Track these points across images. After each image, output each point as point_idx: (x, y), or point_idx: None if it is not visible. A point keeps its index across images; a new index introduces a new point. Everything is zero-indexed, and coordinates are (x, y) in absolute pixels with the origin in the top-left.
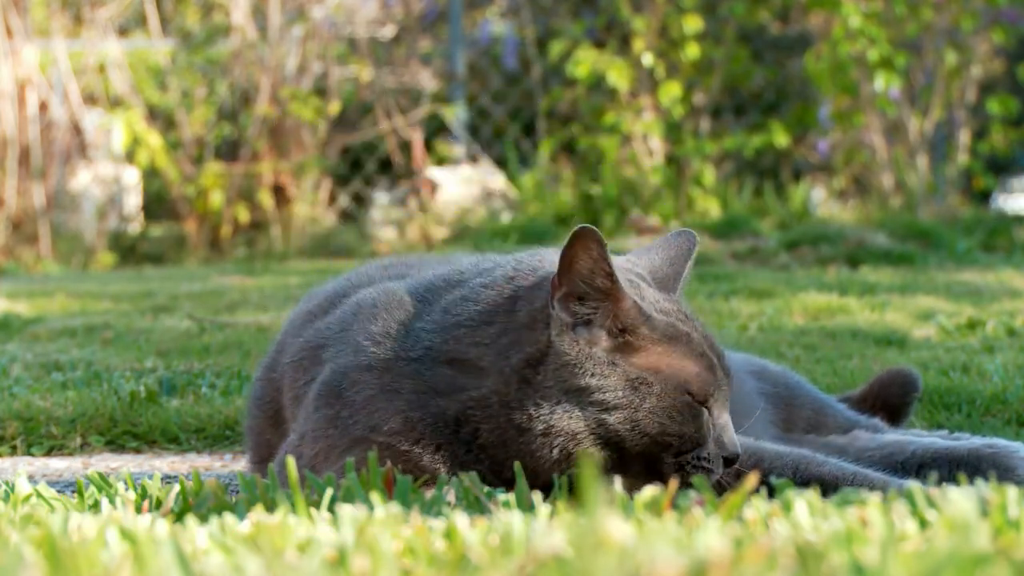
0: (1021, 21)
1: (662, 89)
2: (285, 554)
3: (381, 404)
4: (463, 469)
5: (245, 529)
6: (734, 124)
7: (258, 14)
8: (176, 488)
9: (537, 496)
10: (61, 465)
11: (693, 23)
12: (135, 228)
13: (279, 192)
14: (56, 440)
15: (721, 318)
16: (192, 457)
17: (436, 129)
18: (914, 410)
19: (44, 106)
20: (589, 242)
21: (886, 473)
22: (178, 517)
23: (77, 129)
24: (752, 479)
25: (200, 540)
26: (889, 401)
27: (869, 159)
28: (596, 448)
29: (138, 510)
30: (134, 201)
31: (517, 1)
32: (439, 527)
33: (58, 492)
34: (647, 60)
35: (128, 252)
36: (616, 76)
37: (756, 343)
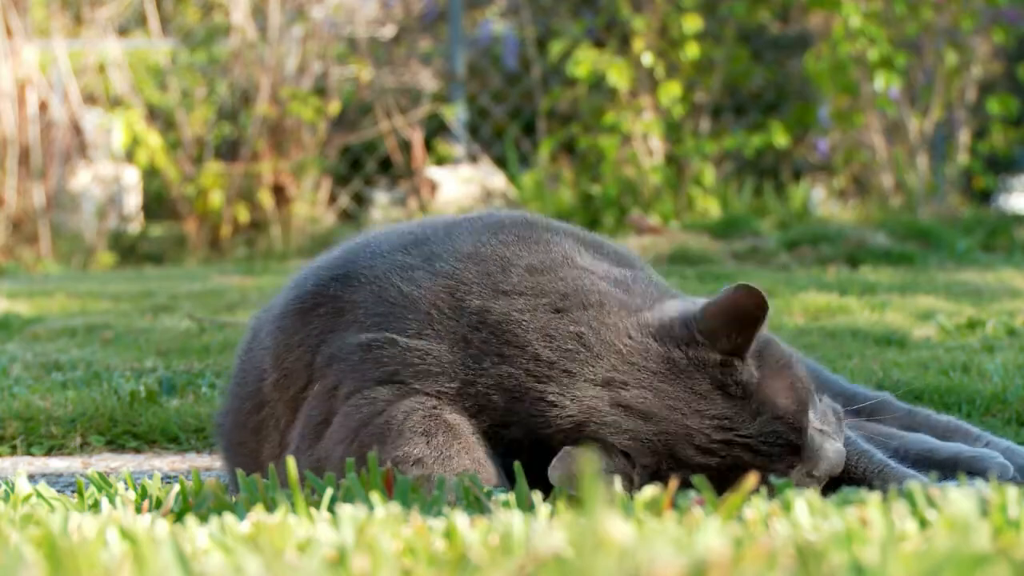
0: (1021, 21)
1: (662, 89)
2: (285, 554)
3: None
4: None
5: (245, 529)
6: (734, 124)
7: (258, 14)
8: (176, 488)
9: (537, 496)
10: (61, 465)
11: (693, 23)
12: (135, 228)
13: (279, 192)
14: (56, 440)
15: None
16: (192, 457)
17: (436, 129)
18: None
19: (44, 106)
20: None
21: None
22: (178, 517)
23: (77, 129)
24: (752, 479)
25: (200, 540)
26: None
27: (869, 159)
28: None
29: (138, 510)
30: (134, 201)
31: (517, 1)
32: (439, 527)
33: (58, 492)
34: (647, 60)
35: (128, 252)
36: (616, 76)
37: None
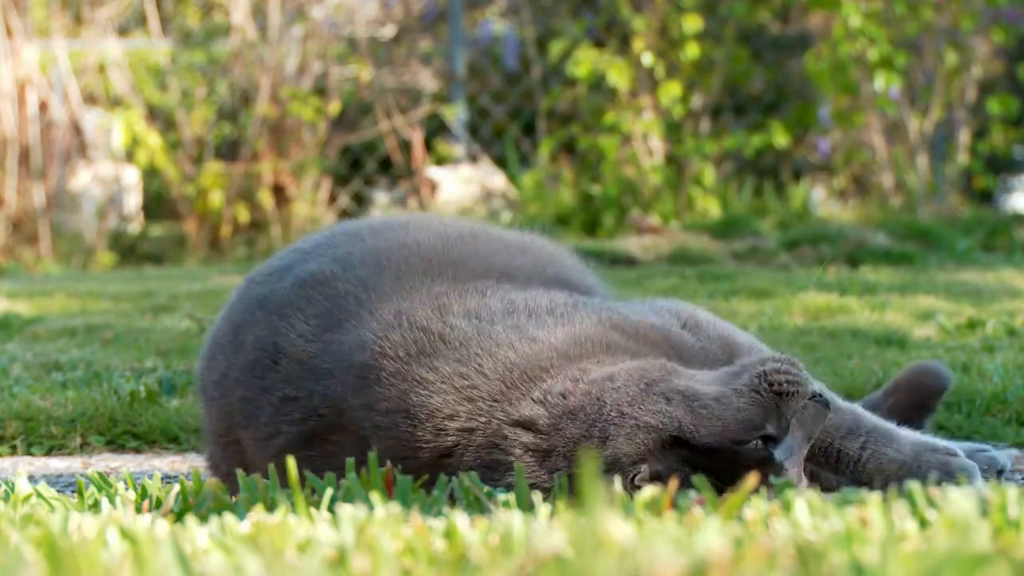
0: (1021, 21)
1: (662, 89)
2: (285, 554)
3: None
4: None
5: (245, 529)
6: (734, 124)
7: (258, 14)
8: (176, 488)
9: (537, 496)
10: (61, 465)
11: (693, 23)
12: (135, 228)
13: (279, 192)
14: (56, 440)
15: (721, 318)
16: (192, 457)
17: (436, 129)
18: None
19: (44, 106)
20: None
21: None
22: (178, 517)
23: (77, 129)
24: (752, 479)
25: (200, 540)
26: (914, 399)
27: (869, 159)
28: None
29: (138, 510)
30: (134, 201)
31: (517, 1)
32: (439, 527)
33: (58, 492)
34: (647, 60)
35: (128, 252)
36: (616, 76)
37: None
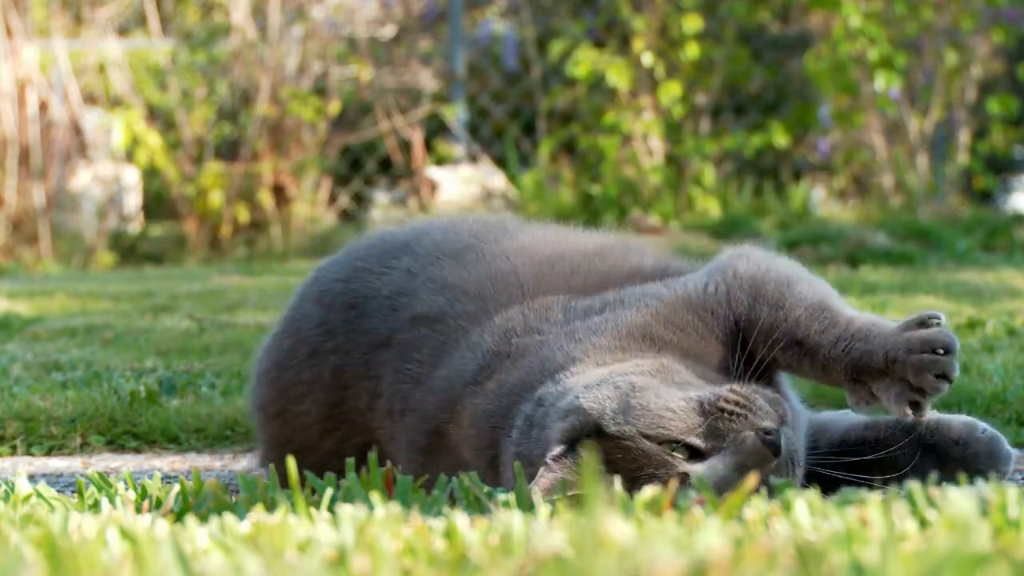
0: (1021, 21)
1: (662, 89)
2: (285, 554)
3: None
4: None
5: (245, 529)
6: (734, 124)
7: (258, 14)
8: (176, 488)
9: (537, 496)
10: (61, 465)
11: (693, 23)
12: (135, 228)
13: (279, 192)
14: (56, 440)
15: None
16: (192, 457)
17: (436, 129)
18: None
19: (44, 106)
20: None
21: None
22: (178, 517)
23: (77, 129)
24: (752, 479)
25: (200, 540)
26: None
27: (869, 159)
28: None
29: (138, 510)
30: (134, 201)
31: (517, 1)
32: (439, 527)
33: (58, 492)
34: (647, 60)
35: (128, 252)
36: (616, 76)
37: None
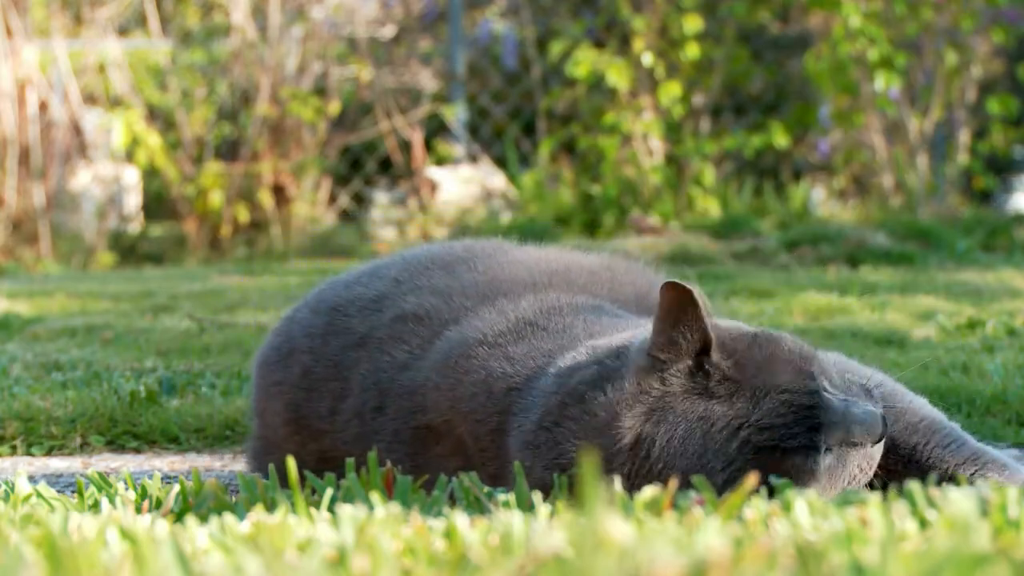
0: (1021, 21)
1: (662, 89)
2: (285, 554)
3: None
4: None
5: (245, 529)
6: (734, 124)
7: (258, 14)
8: (176, 488)
9: (537, 496)
10: (61, 465)
11: (693, 23)
12: (135, 228)
13: (279, 192)
14: (56, 440)
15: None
16: (192, 457)
17: (436, 129)
18: None
19: (44, 106)
20: None
21: None
22: (178, 517)
23: (77, 129)
24: (752, 479)
25: (200, 540)
26: None
27: (869, 159)
28: None
29: (138, 510)
30: (134, 201)
31: (517, 1)
32: (439, 527)
33: (58, 492)
34: (647, 60)
35: (128, 252)
36: (616, 76)
37: None
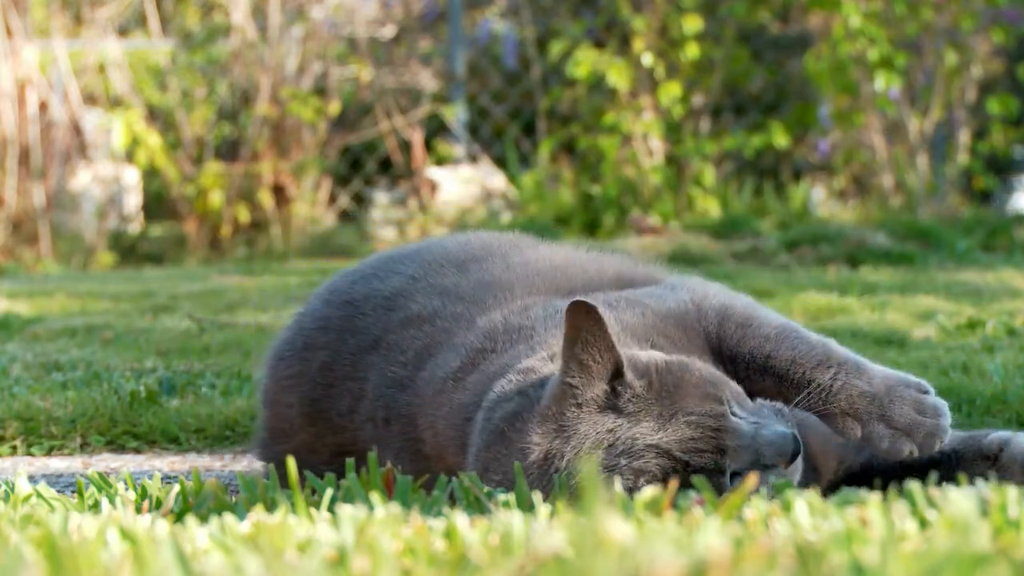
0: (1021, 21)
1: (662, 89)
2: (285, 554)
3: None
4: None
5: (245, 529)
6: (734, 124)
7: (258, 14)
8: (176, 488)
9: (537, 496)
10: (61, 465)
11: (693, 23)
12: (135, 228)
13: (279, 192)
14: (56, 440)
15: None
16: (192, 457)
17: (436, 129)
18: None
19: (44, 106)
20: None
21: None
22: (178, 517)
23: (77, 129)
24: (752, 479)
25: (200, 540)
26: None
27: (869, 159)
28: None
29: (138, 510)
30: (134, 201)
31: (517, 1)
32: (439, 527)
33: (58, 492)
34: (647, 60)
35: (128, 252)
36: (616, 76)
37: None
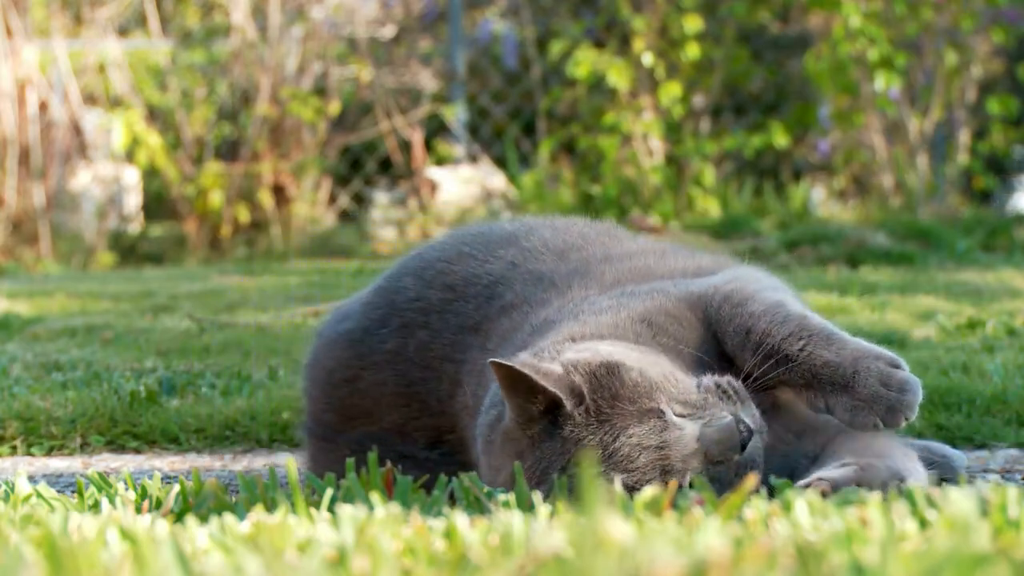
0: (1021, 21)
1: (662, 89)
2: (285, 554)
3: None
4: None
5: (245, 529)
6: (734, 124)
7: (258, 14)
8: (176, 488)
9: (537, 496)
10: (61, 465)
11: (693, 23)
12: (135, 228)
13: (279, 192)
14: (56, 440)
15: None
16: (192, 457)
17: (436, 129)
18: None
19: (44, 106)
20: None
21: None
22: (178, 517)
23: (77, 129)
24: (752, 479)
25: (200, 540)
26: None
27: (869, 159)
28: None
29: (138, 510)
30: (134, 201)
31: (517, 1)
32: (439, 527)
33: (58, 492)
34: (647, 60)
35: (128, 252)
36: (616, 76)
37: None
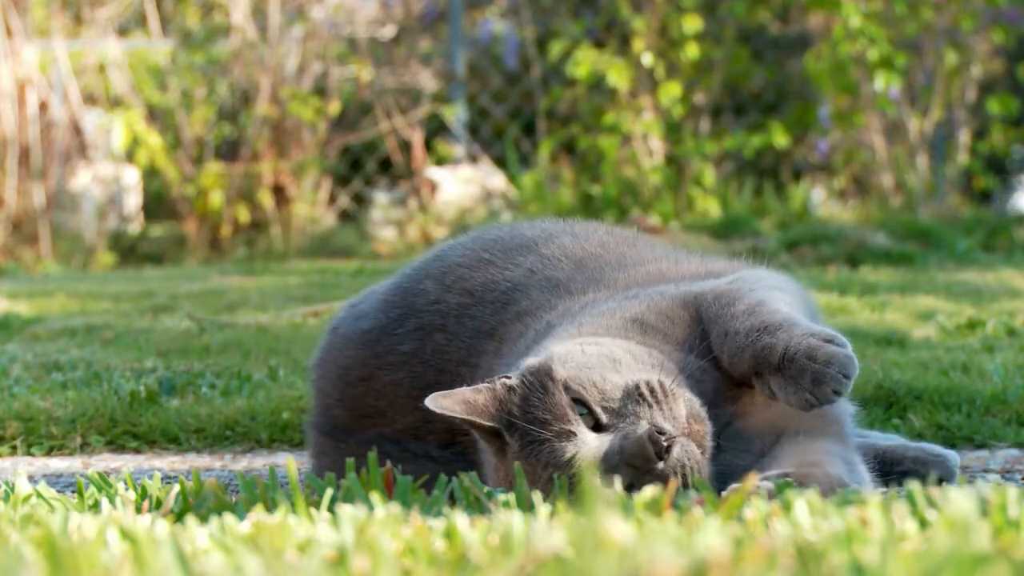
0: (1021, 21)
1: (662, 89)
2: (285, 554)
3: None
4: None
5: (245, 529)
6: (734, 124)
7: (258, 14)
8: (176, 488)
9: (537, 496)
10: (61, 465)
11: (693, 23)
12: (135, 228)
13: (279, 192)
14: (56, 440)
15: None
16: (192, 457)
17: (436, 129)
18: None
19: (44, 106)
20: None
21: None
22: (178, 517)
23: (77, 129)
24: (752, 479)
25: (200, 540)
26: None
27: (869, 159)
28: None
29: (138, 510)
30: (134, 201)
31: (517, 1)
32: (439, 527)
33: (58, 492)
34: (647, 60)
35: (128, 252)
36: (616, 76)
37: None
